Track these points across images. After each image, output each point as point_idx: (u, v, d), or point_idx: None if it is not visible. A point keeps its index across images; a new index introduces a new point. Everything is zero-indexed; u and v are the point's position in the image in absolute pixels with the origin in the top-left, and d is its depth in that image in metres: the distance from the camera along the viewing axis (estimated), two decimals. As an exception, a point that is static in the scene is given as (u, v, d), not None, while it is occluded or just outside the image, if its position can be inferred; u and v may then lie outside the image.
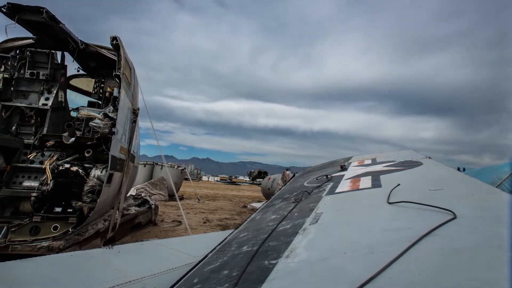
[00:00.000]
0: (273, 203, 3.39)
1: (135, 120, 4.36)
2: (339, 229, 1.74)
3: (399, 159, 3.98)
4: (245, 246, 1.86)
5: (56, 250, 2.98)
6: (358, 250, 1.34)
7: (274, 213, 2.67)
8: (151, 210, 6.23)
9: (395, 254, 1.18)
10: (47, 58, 4.38)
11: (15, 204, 3.75)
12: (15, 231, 3.07)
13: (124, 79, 3.75)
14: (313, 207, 2.33)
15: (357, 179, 3.18)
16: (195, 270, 1.84)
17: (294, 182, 4.77)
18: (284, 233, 1.85)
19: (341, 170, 4.15)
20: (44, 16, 3.50)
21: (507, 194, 1.63)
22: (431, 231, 1.33)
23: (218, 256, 1.92)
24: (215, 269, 1.64)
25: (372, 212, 1.92)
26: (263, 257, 1.52)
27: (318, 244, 1.54)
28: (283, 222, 2.14)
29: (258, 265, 1.43)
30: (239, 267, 1.50)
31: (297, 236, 1.70)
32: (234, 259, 1.68)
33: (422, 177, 2.81)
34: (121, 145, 3.85)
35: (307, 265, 1.31)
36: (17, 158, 3.96)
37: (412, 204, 1.79)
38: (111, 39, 3.65)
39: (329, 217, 2.00)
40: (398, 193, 2.12)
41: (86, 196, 3.24)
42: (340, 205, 2.27)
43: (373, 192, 2.45)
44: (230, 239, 2.33)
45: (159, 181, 11.78)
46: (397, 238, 1.39)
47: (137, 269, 2.35)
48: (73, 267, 2.29)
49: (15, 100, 4.31)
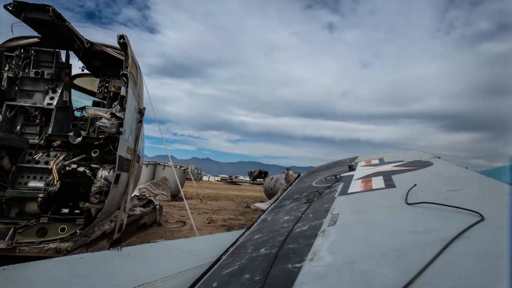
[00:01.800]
0: (283, 203, 3.34)
1: (141, 120, 4.32)
2: (360, 231, 1.69)
3: (408, 159, 3.94)
4: (263, 249, 1.81)
5: (64, 252, 2.94)
6: (387, 254, 1.30)
7: (287, 214, 2.63)
8: (156, 211, 6.19)
9: (427, 258, 1.14)
10: (52, 57, 4.34)
11: (21, 205, 3.71)
12: (22, 232, 3.02)
13: (131, 78, 3.71)
14: (327, 208, 2.28)
15: (368, 179, 3.13)
16: (212, 273, 1.79)
17: (301, 182, 4.72)
18: (302, 235, 1.81)
19: (349, 170, 4.10)
20: (50, 15, 3.45)
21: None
22: (460, 234, 1.29)
23: (234, 259, 1.87)
24: (234, 272, 1.59)
25: (392, 213, 1.88)
26: (285, 261, 1.47)
27: (341, 247, 1.49)
28: (298, 224, 2.10)
29: (281, 269, 1.39)
30: (261, 270, 1.45)
31: (317, 238, 1.65)
32: (254, 262, 1.63)
33: (436, 177, 2.76)
34: (128, 145, 3.81)
35: (334, 269, 1.26)
36: (22, 158, 3.91)
37: (433, 205, 1.75)
38: (118, 38, 3.60)
39: (347, 218, 1.96)
40: (416, 194, 2.07)
41: (93, 197, 3.19)
42: (356, 206, 2.23)
43: (388, 192, 2.41)
44: (244, 241, 2.28)
45: (161, 181, 11.74)
46: (426, 240, 1.35)
47: (148, 272, 2.31)
48: (84, 270, 2.24)
49: (19, 100, 4.27)
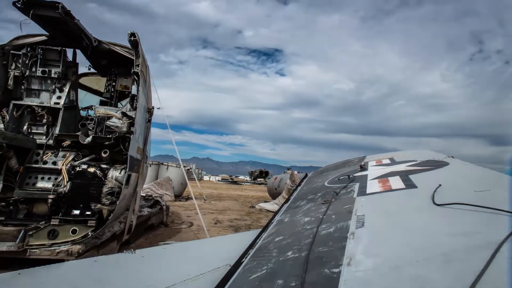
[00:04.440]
0: (297, 204, 3.27)
1: (149, 119, 4.25)
2: (393, 233, 1.63)
3: (420, 158, 3.86)
4: (290, 252, 1.75)
5: (76, 255, 2.87)
6: (432, 258, 1.23)
7: (306, 215, 2.56)
8: (163, 211, 6.13)
9: (479, 263, 1.07)
10: (59, 55, 4.26)
11: (29, 206, 3.64)
12: (33, 234, 2.95)
13: (142, 77, 3.64)
14: (350, 209, 2.21)
15: (385, 179, 3.05)
16: (237, 277, 1.72)
17: (312, 183, 4.65)
18: (330, 238, 1.74)
19: (361, 170, 4.03)
20: (59, 12, 3.38)
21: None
22: (508, 237, 1.22)
23: (259, 263, 1.80)
24: (265, 277, 1.52)
25: (422, 215, 1.81)
26: (320, 265, 1.41)
27: (378, 250, 1.43)
28: (322, 226, 2.02)
29: (318, 274, 1.32)
30: (294, 275, 1.39)
31: (349, 241, 1.58)
32: (284, 267, 1.57)
33: (458, 177, 2.69)
34: (138, 145, 3.74)
35: (378, 275, 1.19)
36: (30, 159, 3.85)
37: (465, 206, 1.68)
38: (129, 35, 3.51)
39: (375, 220, 1.89)
40: (442, 195, 2.00)
41: (105, 198, 3.12)
42: (380, 207, 2.16)
43: (411, 193, 2.34)
44: (265, 243, 2.21)
45: (165, 181, 11.68)
46: (471, 244, 1.28)
47: (166, 276, 2.25)
48: (100, 274, 2.18)
49: (26, 99, 4.20)
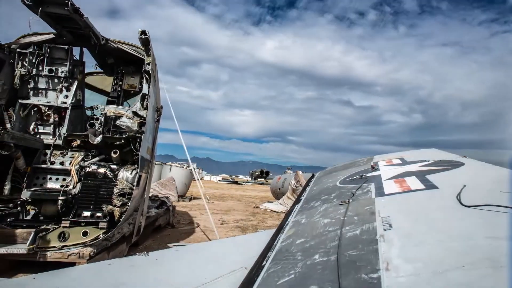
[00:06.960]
0: (311, 205, 3.21)
1: (158, 119, 4.19)
2: (426, 236, 1.56)
3: (432, 158, 3.79)
4: (316, 255, 1.68)
5: (87, 257, 2.81)
6: (478, 263, 1.16)
7: (324, 216, 2.49)
8: (170, 212, 6.07)
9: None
10: (66, 54, 4.20)
11: (37, 207, 3.58)
12: (43, 236, 2.89)
13: (152, 76, 3.57)
14: (371, 210, 2.14)
15: (401, 179, 2.99)
16: (261, 283, 1.66)
17: (322, 183, 4.58)
18: (358, 240, 1.67)
19: (372, 170, 3.98)
20: (68, 9, 3.31)
21: None
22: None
23: (284, 267, 1.74)
24: (294, 283, 1.46)
25: (453, 217, 1.74)
26: (355, 270, 1.34)
27: (415, 254, 1.36)
28: (346, 228, 1.96)
29: (355, 280, 1.26)
30: (329, 281, 1.32)
31: (380, 244, 1.52)
32: (313, 271, 1.50)
33: (479, 177, 2.62)
34: (148, 145, 3.68)
35: (423, 281, 1.13)
36: (37, 159, 3.78)
37: (498, 207, 1.62)
38: (139, 33, 3.44)
39: (402, 221, 1.82)
40: (467, 195, 1.94)
41: (116, 200, 3.06)
42: (404, 208, 2.09)
43: (433, 193, 2.27)
44: (285, 246, 2.14)
45: (168, 181, 11.62)
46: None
47: (182, 279, 2.21)
48: (116, 278, 2.12)
49: (33, 98, 4.14)
